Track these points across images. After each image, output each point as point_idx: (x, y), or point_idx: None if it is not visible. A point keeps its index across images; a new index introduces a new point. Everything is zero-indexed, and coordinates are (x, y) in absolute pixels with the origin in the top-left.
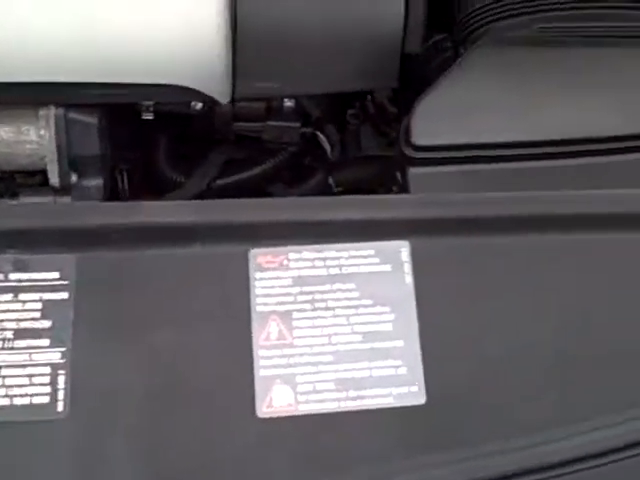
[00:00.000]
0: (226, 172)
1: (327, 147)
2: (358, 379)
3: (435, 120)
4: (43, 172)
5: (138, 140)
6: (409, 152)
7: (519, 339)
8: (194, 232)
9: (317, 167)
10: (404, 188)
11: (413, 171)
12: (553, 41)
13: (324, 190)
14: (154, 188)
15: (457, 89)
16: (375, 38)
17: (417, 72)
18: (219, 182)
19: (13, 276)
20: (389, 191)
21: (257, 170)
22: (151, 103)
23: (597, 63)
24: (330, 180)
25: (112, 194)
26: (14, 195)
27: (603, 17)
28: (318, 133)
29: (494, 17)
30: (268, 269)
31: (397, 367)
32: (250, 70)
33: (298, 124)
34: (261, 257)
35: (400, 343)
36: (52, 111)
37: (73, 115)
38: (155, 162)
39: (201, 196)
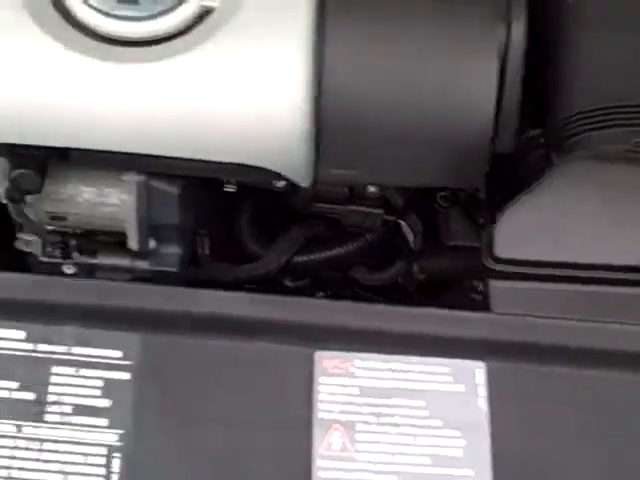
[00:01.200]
0: (307, 249)
1: (410, 236)
2: None
3: (519, 233)
4: (124, 232)
5: (222, 208)
6: (490, 264)
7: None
8: (261, 327)
9: (399, 254)
10: (485, 299)
11: (494, 284)
12: None
13: (406, 277)
14: (234, 256)
15: (546, 202)
16: (463, 137)
17: (509, 166)
18: (297, 259)
19: (76, 350)
20: (471, 291)
21: (337, 251)
22: None
23: None
24: (414, 267)
25: (191, 259)
26: (93, 253)
27: None
28: (401, 222)
29: (588, 127)
30: (334, 374)
31: None
32: (332, 158)
33: (381, 211)
34: (327, 361)
35: (470, 472)
36: (134, 177)
37: (154, 183)
38: (237, 232)
39: (280, 271)
